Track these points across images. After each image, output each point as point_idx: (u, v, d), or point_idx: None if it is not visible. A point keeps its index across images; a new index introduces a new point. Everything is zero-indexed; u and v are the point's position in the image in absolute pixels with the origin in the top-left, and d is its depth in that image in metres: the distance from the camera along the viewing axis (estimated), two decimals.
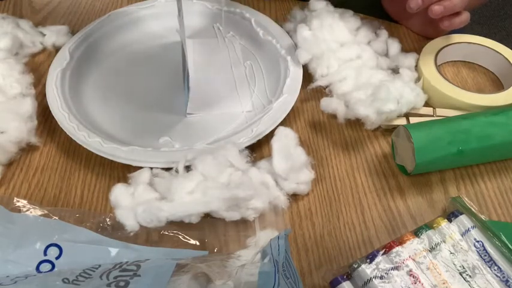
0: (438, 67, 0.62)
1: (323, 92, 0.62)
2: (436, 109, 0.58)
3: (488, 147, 0.52)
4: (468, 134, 0.51)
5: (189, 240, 0.47)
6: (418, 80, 0.61)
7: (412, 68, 0.63)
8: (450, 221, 0.47)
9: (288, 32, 0.67)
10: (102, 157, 0.53)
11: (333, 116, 0.59)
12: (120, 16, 0.71)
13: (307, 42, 0.63)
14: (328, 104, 0.59)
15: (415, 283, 0.42)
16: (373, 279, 0.42)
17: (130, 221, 0.46)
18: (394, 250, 0.44)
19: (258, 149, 0.56)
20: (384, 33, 0.67)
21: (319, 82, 0.61)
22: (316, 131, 0.59)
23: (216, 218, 0.48)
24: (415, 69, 0.63)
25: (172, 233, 0.48)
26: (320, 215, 0.51)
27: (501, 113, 0.53)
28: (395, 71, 0.63)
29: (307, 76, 0.62)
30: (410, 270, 0.43)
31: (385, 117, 0.56)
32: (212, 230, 0.49)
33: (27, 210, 0.48)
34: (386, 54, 0.65)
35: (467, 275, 0.43)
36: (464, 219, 0.47)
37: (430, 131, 0.52)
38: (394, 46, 0.65)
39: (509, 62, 0.62)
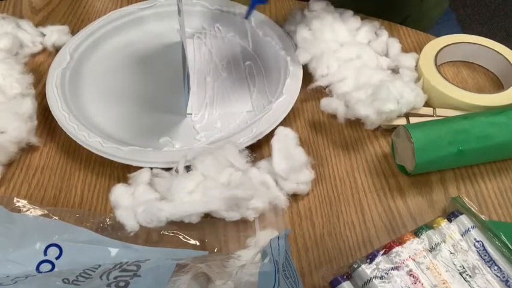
0: (438, 67, 0.62)
1: (323, 92, 0.62)
2: (436, 109, 0.58)
3: (488, 147, 0.52)
4: (468, 134, 0.51)
5: (189, 240, 0.47)
6: (418, 80, 0.61)
7: (412, 68, 0.63)
8: (450, 221, 0.47)
9: (288, 33, 0.67)
10: (102, 157, 0.53)
11: (333, 116, 0.59)
12: (120, 16, 0.71)
13: (307, 42, 0.63)
14: (328, 104, 0.59)
15: (415, 283, 0.42)
16: (373, 279, 0.42)
17: (130, 221, 0.46)
18: (394, 250, 0.44)
19: (258, 149, 0.56)
20: (384, 33, 0.67)
21: (319, 82, 0.61)
22: (316, 131, 0.59)
23: (216, 218, 0.48)
24: (415, 69, 0.63)
25: (172, 233, 0.48)
26: (320, 215, 0.51)
27: (501, 113, 0.53)
28: (395, 71, 0.63)
29: (307, 76, 0.62)
30: (411, 270, 0.43)
31: (385, 117, 0.56)
32: (212, 230, 0.49)
33: (27, 210, 0.48)
34: (387, 54, 0.65)
35: (467, 275, 0.43)
36: (464, 219, 0.47)
37: (430, 131, 0.52)
38: (394, 46, 0.65)
39: (509, 62, 0.62)
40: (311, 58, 0.62)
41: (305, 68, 0.62)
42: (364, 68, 0.61)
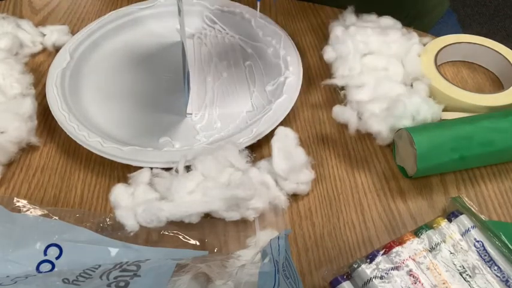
0: (438, 67, 0.62)
1: (323, 91, 0.62)
2: None
3: (490, 153, 0.52)
4: (471, 141, 0.51)
5: (189, 240, 0.47)
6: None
7: (425, 80, 0.59)
8: (450, 221, 0.47)
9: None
10: (102, 157, 0.53)
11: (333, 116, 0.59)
12: (120, 16, 0.71)
13: (338, 41, 0.62)
14: (341, 113, 0.57)
15: (415, 283, 0.42)
16: (373, 279, 0.42)
17: (130, 221, 0.46)
18: (394, 250, 0.44)
19: (258, 149, 0.56)
20: (415, 49, 0.62)
21: (336, 81, 0.60)
22: (316, 131, 0.59)
23: (216, 218, 0.48)
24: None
25: (172, 233, 0.48)
26: (320, 215, 0.51)
27: (504, 118, 0.53)
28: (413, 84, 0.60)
29: (326, 73, 0.62)
30: (411, 270, 0.43)
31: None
32: (212, 230, 0.49)
33: (27, 210, 0.48)
34: (404, 66, 0.61)
35: (467, 275, 0.43)
36: (464, 219, 0.47)
37: (433, 137, 0.51)
38: (413, 52, 0.62)
39: (509, 62, 0.62)
40: (336, 57, 0.61)
41: (327, 65, 0.63)
42: (386, 80, 0.58)
